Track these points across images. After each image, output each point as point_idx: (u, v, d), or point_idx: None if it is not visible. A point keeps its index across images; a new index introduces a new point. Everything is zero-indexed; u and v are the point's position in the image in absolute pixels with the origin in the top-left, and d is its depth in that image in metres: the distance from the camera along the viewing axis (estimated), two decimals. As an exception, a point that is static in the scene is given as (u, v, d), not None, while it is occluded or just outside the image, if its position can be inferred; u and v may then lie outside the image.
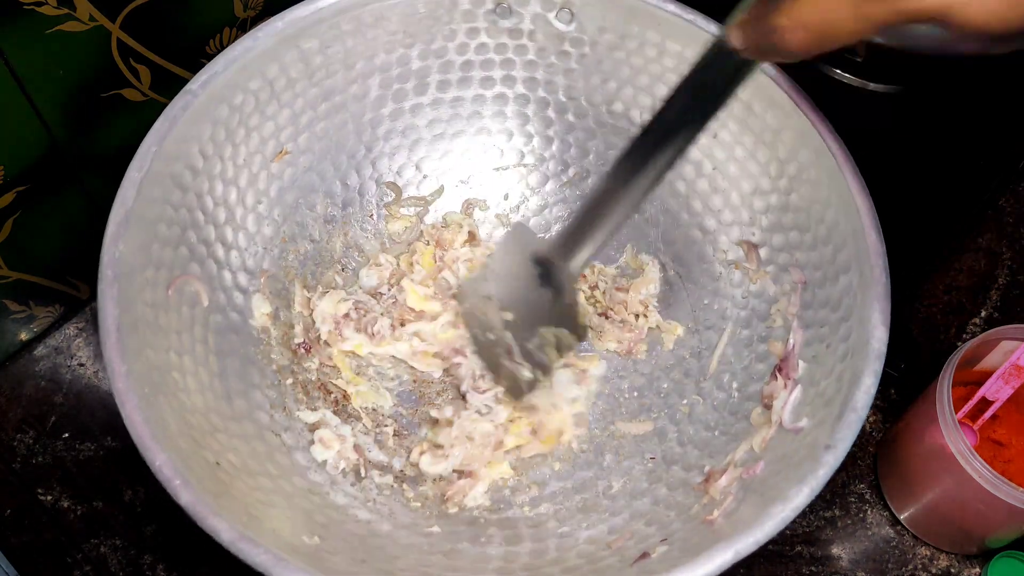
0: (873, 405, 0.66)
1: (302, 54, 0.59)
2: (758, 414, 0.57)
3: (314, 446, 0.58)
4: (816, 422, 0.51)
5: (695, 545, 0.49)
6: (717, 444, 0.57)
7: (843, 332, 0.53)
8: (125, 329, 0.49)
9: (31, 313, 0.67)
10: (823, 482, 0.47)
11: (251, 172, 0.60)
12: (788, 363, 0.56)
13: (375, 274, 0.65)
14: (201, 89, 0.55)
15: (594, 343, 0.64)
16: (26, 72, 0.54)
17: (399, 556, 0.53)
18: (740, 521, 0.48)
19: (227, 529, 0.45)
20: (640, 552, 0.51)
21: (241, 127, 0.59)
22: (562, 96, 0.66)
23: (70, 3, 0.53)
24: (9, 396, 0.68)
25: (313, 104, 0.62)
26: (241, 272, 0.60)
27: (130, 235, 0.51)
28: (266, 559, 0.44)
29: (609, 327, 0.64)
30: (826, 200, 0.56)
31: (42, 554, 0.63)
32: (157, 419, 0.48)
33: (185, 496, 0.45)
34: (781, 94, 0.56)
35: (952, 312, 0.69)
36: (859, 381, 0.49)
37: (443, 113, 0.66)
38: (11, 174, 0.58)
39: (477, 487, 0.58)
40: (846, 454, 0.47)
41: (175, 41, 0.61)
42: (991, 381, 0.60)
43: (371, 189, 0.66)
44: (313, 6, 0.58)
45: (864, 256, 0.52)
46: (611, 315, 0.65)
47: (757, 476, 0.52)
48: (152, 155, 0.53)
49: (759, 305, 0.61)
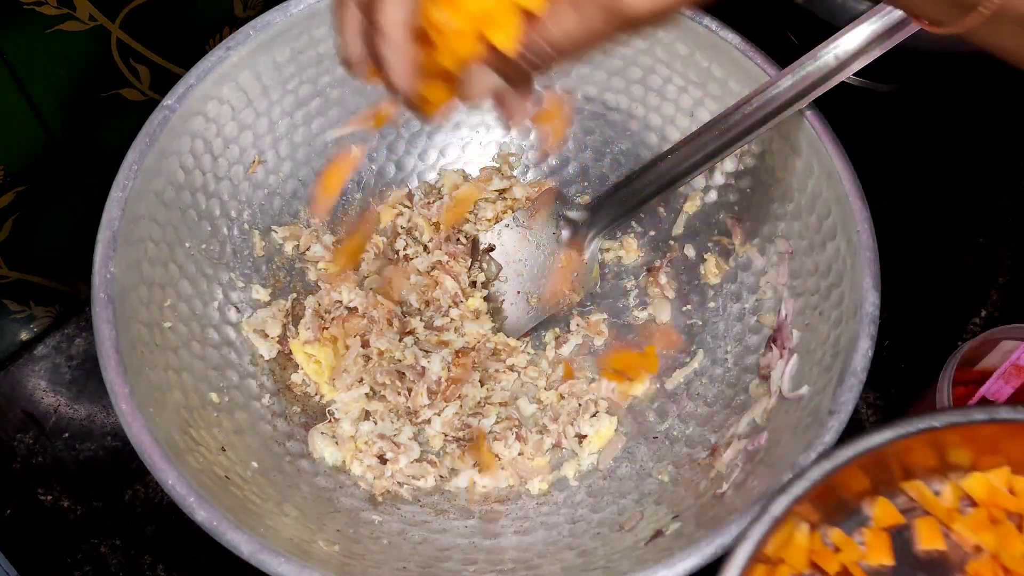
0: (873, 405, 0.66)
1: (274, 62, 0.59)
2: (755, 385, 0.57)
3: (322, 442, 0.58)
4: (816, 389, 0.51)
5: (709, 519, 0.50)
6: (718, 418, 0.58)
7: (835, 298, 0.54)
8: (124, 350, 0.49)
9: (31, 313, 0.67)
10: (830, 448, 0.47)
11: (232, 183, 0.60)
12: (782, 333, 0.57)
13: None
14: (177, 103, 0.55)
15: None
16: (26, 72, 0.54)
17: (413, 555, 0.53)
18: (751, 492, 0.49)
19: (247, 542, 0.45)
20: (653, 531, 0.52)
21: (219, 138, 0.59)
22: (536, 85, 0.66)
23: (70, 3, 0.53)
24: (9, 396, 0.68)
25: (289, 111, 0.62)
26: (231, 287, 0.60)
27: (119, 256, 0.51)
28: (288, 569, 0.45)
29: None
30: (806, 169, 0.56)
31: (42, 554, 0.63)
32: (165, 437, 0.48)
33: (202, 513, 0.46)
34: (755, 68, 0.57)
35: (952, 312, 0.69)
36: (856, 345, 0.50)
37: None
38: (11, 174, 0.58)
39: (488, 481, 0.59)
40: (849, 419, 0.48)
41: (175, 41, 0.61)
42: (991, 381, 0.60)
43: (352, 192, 0.66)
44: (283, 13, 0.58)
45: (850, 222, 0.53)
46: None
47: (762, 446, 0.52)
48: (134, 173, 0.53)
49: (748, 278, 0.61)
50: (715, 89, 0.60)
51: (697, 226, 0.65)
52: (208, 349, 0.57)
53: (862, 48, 0.51)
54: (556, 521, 0.56)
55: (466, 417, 0.60)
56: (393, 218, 0.66)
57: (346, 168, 0.55)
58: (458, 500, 0.58)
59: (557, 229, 0.64)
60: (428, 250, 0.65)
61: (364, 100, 0.64)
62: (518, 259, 0.64)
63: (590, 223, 0.63)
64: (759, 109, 0.54)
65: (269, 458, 0.56)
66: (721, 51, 0.59)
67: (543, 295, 0.64)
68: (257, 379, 0.59)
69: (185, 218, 0.57)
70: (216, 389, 0.56)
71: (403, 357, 0.61)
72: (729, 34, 0.58)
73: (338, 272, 0.64)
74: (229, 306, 0.60)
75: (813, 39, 0.53)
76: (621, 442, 0.60)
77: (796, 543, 0.46)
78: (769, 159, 0.59)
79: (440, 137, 0.68)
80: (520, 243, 0.64)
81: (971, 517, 0.47)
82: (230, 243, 0.60)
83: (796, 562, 0.45)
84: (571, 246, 0.64)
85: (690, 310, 0.64)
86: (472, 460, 0.59)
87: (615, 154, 0.67)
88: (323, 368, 0.61)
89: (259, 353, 0.60)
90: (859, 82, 0.69)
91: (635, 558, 0.50)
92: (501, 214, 0.67)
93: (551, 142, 0.65)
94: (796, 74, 0.52)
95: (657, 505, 0.55)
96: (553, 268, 0.64)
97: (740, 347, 0.60)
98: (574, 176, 0.68)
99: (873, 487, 0.47)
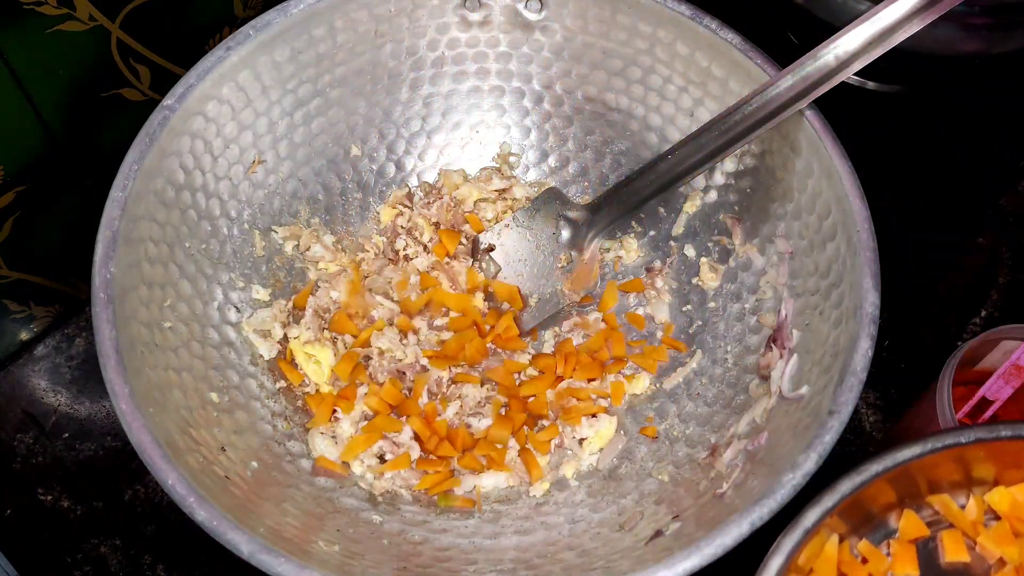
0: (873, 405, 0.66)
1: (274, 62, 0.59)
2: (755, 385, 0.57)
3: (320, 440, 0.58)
4: (816, 389, 0.51)
5: (709, 519, 0.50)
6: (718, 418, 0.58)
7: (835, 298, 0.54)
8: (124, 350, 0.49)
9: (31, 313, 0.67)
10: (830, 447, 0.47)
11: (232, 183, 0.60)
12: (782, 333, 0.57)
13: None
14: (177, 103, 0.55)
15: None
16: (26, 72, 0.54)
17: (413, 555, 0.53)
18: (751, 492, 0.49)
19: (247, 542, 0.45)
20: (653, 531, 0.52)
21: (219, 138, 0.59)
22: (536, 85, 0.66)
23: (70, 3, 0.53)
24: (9, 396, 0.68)
25: (289, 111, 0.62)
26: (231, 287, 0.60)
27: (119, 256, 0.51)
28: (287, 568, 0.45)
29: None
30: (806, 169, 0.56)
31: (42, 554, 0.63)
32: (165, 438, 0.48)
33: (202, 513, 0.46)
34: (755, 68, 0.57)
35: (952, 312, 0.70)
36: (856, 345, 0.50)
37: (418, 111, 0.66)
38: (11, 174, 0.58)
39: (487, 481, 0.59)
40: (849, 419, 0.48)
41: (175, 41, 0.61)
42: (991, 381, 0.60)
43: (352, 192, 0.66)
44: (283, 12, 0.58)
45: (850, 221, 0.53)
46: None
47: (762, 447, 0.52)
48: (134, 173, 0.53)
49: (748, 278, 0.61)
50: (715, 89, 0.60)
51: (697, 226, 0.65)
52: (208, 349, 0.57)
53: (862, 48, 0.51)
54: (556, 521, 0.56)
55: (466, 417, 0.60)
56: (393, 218, 0.66)
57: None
58: (458, 500, 0.58)
59: (557, 229, 0.64)
60: (428, 250, 0.65)
61: (364, 100, 0.64)
62: (518, 259, 0.64)
63: (590, 223, 0.63)
64: (759, 109, 0.54)
65: (269, 458, 0.55)
66: (721, 51, 0.59)
67: (543, 295, 0.64)
68: (257, 379, 0.59)
69: (185, 218, 0.57)
70: (216, 389, 0.56)
71: (403, 357, 0.61)
72: (729, 34, 0.58)
73: (338, 273, 0.64)
74: (229, 306, 0.60)
75: (813, 39, 0.53)
76: (621, 442, 0.60)
77: (826, 554, 0.46)
78: (769, 159, 0.59)
79: (440, 137, 0.68)
80: (520, 243, 0.64)
81: (995, 530, 0.48)
82: (230, 243, 0.60)
83: (825, 573, 0.47)
84: (571, 246, 0.64)
85: (690, 310, 0.64)
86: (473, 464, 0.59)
87: (615, 154, 0.67)
88: (323, 368, 0.61)
89: (259, 353, 0.60)
90: (859, 82, 0.69)
91: (635, 558, 0.50)
92: (501, 214, 0.67)
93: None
94: (796, 74, 0.52)
95: (657, 505, 0.55)
96: (553, 268, 0.64)
97: (740, 347, 0.60)
98: (574, 176, 0.68)
99: (900, 500, 0.48)
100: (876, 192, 0.55)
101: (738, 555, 0.46)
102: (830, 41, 0.51)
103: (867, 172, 0.54)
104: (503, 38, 0.64)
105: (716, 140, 0.56)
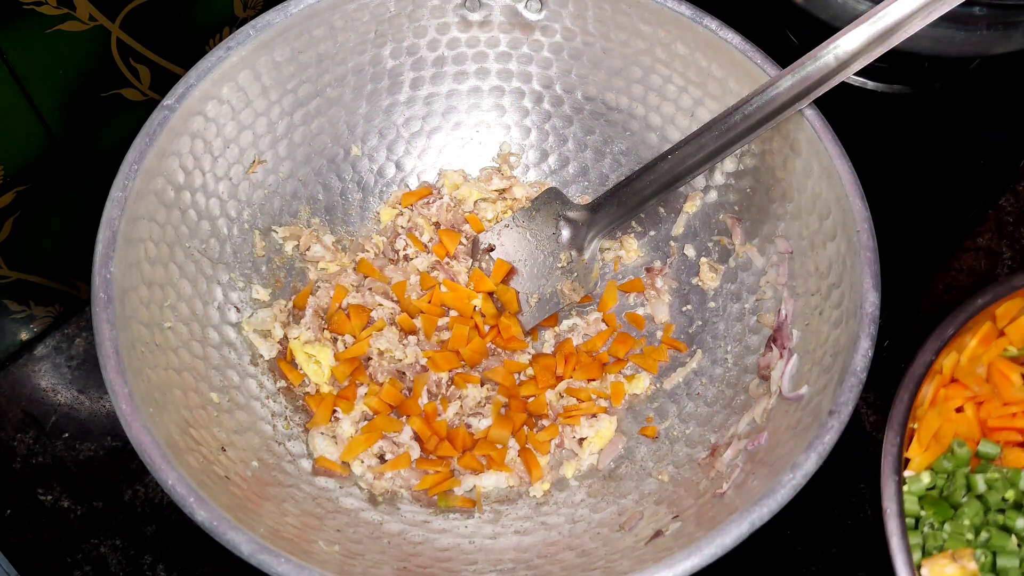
0: (873, 405, 0.66)
1: (274, 62, 0.59)
2: (755, 385, 0.57)
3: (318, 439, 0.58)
4: (816, 389, 0.52)
5: (709, 519, 0.50)
6: (718, 418, 0.58)
7: (835, 299, 0.54)
8: (124, 350, 0.49)
9: (31, 313, 0.67)
10: (830, 447, 0.48)
11: (232, 183, 0.60)
12: (782, 333, 0.57)
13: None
14: (177, 103, 0.55)
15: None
16: (26, 72, 0.54)
17: (413, 555, 0.53)
18: (751, 492, 0.49)
19: (247, 542, 0.45)
20: (653, 531, 0.52)
21: (218, 138, 0.59)
22: (536, 85, 0.66)
23: (70, 3, 0.53)
24: (9, 396, 0.68)
25: (289, 111, 0.62)
26: (231, 287, 0.60)
27: (119, 256, 0.51)
28: (287, 569, 0.45)
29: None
30: (806, 169, 0.56)
31: (42, 554, 0.63)
32: (165, 438, 0.48)
33: (202, 513, 0.46)
34: (755, 68, 0.57)
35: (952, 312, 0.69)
36: (856, 345, 0.50)
37: (418, 111, 0.66)
38: (11, 174, 0.58)
39: (487, 481, 0.59)
40: (849, 419, 0.48)
41: (175, 41, 0.61)
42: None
43: (352, 192, 0.66)
44: (283, 12, 0.58)
45: (850, 221, 0.53)
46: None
47: (762, 447, 0.53)
48: (134, 173, 0.53)
49: (748, 278, 0.61)
50: (715, 89, 0.60)
51: (697, 226, 0.65)
52: (208, 349, 0.57)
53: (862, 48, 0.51)
54: (556, 521, 0.56)
55: (466, 417, 0.60)
56: (393, 218, 0.66)
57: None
58: (458, 500, 0.58)
59: (557, 229, 0.64)
60: (428, 250, 0.65)
61: (364, 100, 0.64)
62: (518, 259, 0.64)
63: (590, 223, 0.63)
64: (759, 109, 0.54)
65: (269, 458, 0.56)
66: (721, 51, 0.59)
67: (543, 295, 0.64)
68: (257, 379, 0.59)
69: (185, 218, 0.57)
70: (216, 389, 0.56)
71: (403, 357, 0.61)
72: (729, 34, 0.58)
73: (338, 272, 0.64)
74: (229, 306, 0.60)
75: (813, 39, 0.53)
76: (621, 442, 0.60)
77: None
78: (769, 159, 0.59)
79: (440, 137, 0.68)
80: (520, 243, 0.64)
81: None
82: (230, 243, 0.61)
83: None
84: (571, 246, 0.64)
85: (690, 310, 0.64)
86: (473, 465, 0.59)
87: (615, 154, 0.67)
88: (323, 368, 0.61)
89: (259, 353, 0.60)
90: (859, 82, 0.69)
91: (635, 558, 0.50)
92: (501, 214, 0.67)
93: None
94: (796, 74, 0.52)
95: (657, 505, 0.55)
96: (553, 268, 0.64)
97: (740, 347, 0.60)
98: (574, 176, 0.68)
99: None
100: (876, 192, 0.55)
101: (738, 555, 0.46)
102: (830, 41, 0.51)
103: (867, 172, 0.55)
104: (503, 38, 0.64)
105: (716, 140, 0.56)
